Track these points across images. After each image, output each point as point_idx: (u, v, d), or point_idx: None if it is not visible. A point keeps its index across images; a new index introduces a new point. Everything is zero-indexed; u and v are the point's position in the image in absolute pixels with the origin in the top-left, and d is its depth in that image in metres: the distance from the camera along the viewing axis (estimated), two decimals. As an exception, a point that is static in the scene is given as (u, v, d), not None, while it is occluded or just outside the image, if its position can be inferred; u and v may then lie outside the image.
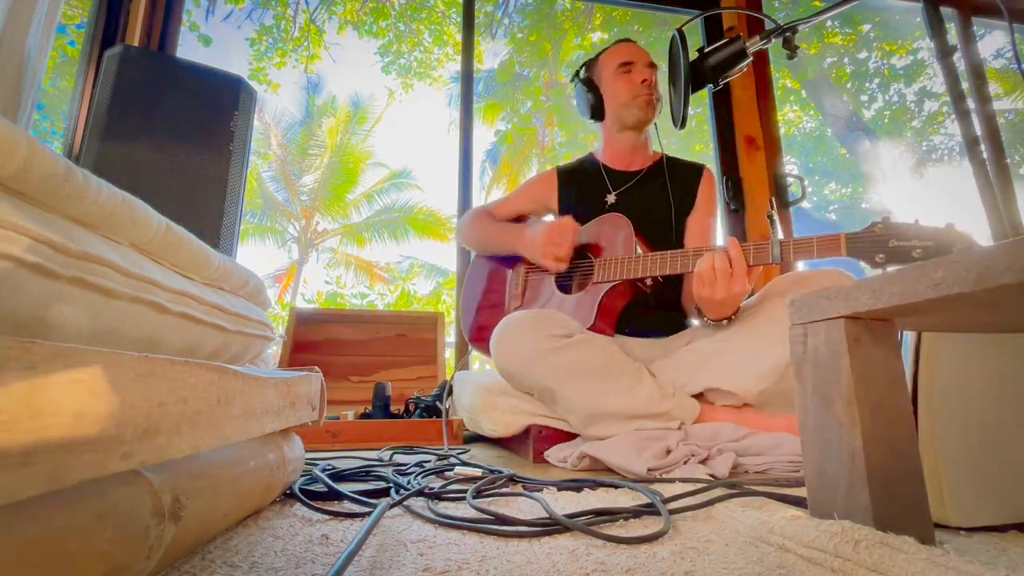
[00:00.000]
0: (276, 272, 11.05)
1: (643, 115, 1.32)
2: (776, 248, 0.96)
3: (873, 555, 0.37)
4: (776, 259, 0.96)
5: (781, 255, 0.96)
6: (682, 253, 1.07)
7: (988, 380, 0.53)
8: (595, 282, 1.18)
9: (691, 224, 1.33)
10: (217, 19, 6.79)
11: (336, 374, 1.82)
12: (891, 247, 0.85)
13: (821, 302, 0.48)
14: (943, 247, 0.82)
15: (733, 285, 0.98)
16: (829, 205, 9.22)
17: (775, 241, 0.97)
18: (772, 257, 0.96)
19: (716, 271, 0.98)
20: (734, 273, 0.98)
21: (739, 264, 0.97)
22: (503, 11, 7.37)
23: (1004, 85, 6.19)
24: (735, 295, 0.99)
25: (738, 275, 0.97)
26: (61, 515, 0.26)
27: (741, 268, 0.98)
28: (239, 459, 0.50)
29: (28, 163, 0.29)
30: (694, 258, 1.05)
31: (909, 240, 0.84)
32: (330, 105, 11.16)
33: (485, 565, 0.43)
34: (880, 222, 0.88)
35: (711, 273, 0.99)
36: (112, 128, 1.22)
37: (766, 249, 0.97)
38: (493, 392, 1.13)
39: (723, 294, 0.98)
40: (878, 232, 0.87)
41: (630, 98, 1.32)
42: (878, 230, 0.87)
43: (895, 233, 0.86)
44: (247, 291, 0.64)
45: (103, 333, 0.36)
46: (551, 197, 1.45)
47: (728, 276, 0.98)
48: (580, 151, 1.58)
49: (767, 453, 0.92)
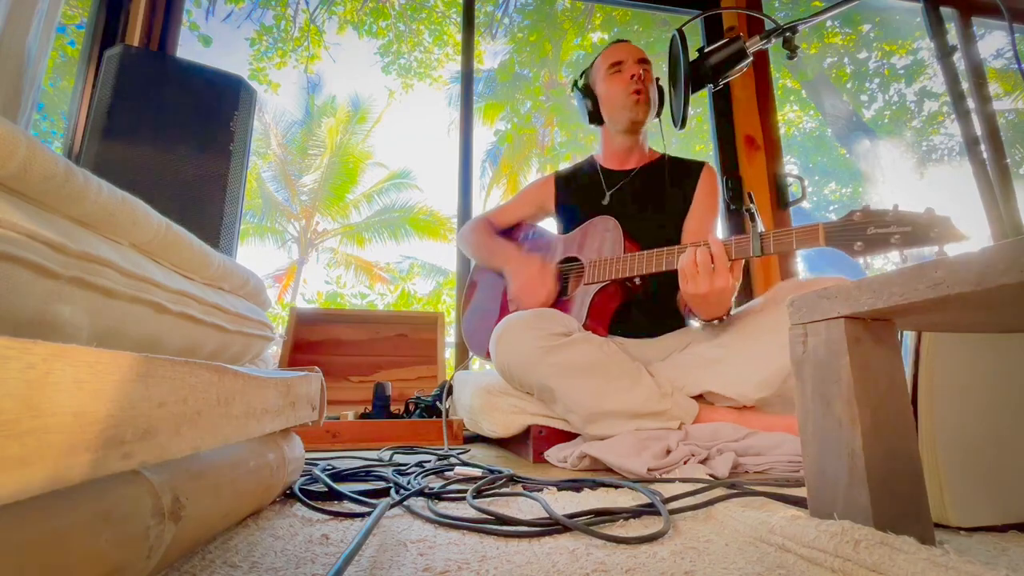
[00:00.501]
0: (276, 272, 11.06)
1: (635, 116, 1.32)
2: (756, 241, 0.96)
3: (873, 555, 0.37)
4: (756, 252, 0.96)
5: (762, 248, 0.96)
6: (667, 251, 1.07)
7: (988, 380, 0.53)
8: (585, 283, 1.19)
9: (689, 223, 1.32)
10: (217, 19, 6.81)
11: (336, 374, 1.82)
12: (869, 235, 0.85)
13: (821, 302, 0.48)
14: (921, 231, 0.81)
15: (716, 279, 0.98)
16: (829, 205, 9.22)
17: (755, 234, 0.96)
18: (752, 250, 0.96)
19: (698, 265, 0.98)
20: (716, 267, 0.98)
21: (720, 258, 0.97)
22: (503, 11, 7.37)
23: (1004, 85, 6.19)
24: (719, 290, 0.98)
25: (720, 269, 0.98)
26: (61, 515, 0.26)
27: (722, 262, 0.98)
28: (239, 459, 0.50)
29: (28, 163, 0.29)
30: (679, 255, 1.05)
31: (888, 227, 0.84)
32: (330, 105, 11.16)
33: (485, 565, 0.43)
34: (859, 210, 0.88)
35: (693, 267, 0.99)
36: (112, 128, 1.23)
37: (746, 242, 0.97)
38: (493, 392, 1.13)
39: (706, 288, 0.98)
40: (856, 220, 0.87)
41: (623, 98, 1.32)
42: (856, 218, 0.87)
43: (873, 220, 0.85)
44: (247, 291, 0.64)
45: (103, 333, 0.36)
46: (549, 201, 1.45)
47: (710, 271, 0.98)
48: (580, 151, 1.60)
49: (767, 453, 0.92)
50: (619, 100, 1.33)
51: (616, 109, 1.34)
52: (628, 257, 1.12)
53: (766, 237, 0.95)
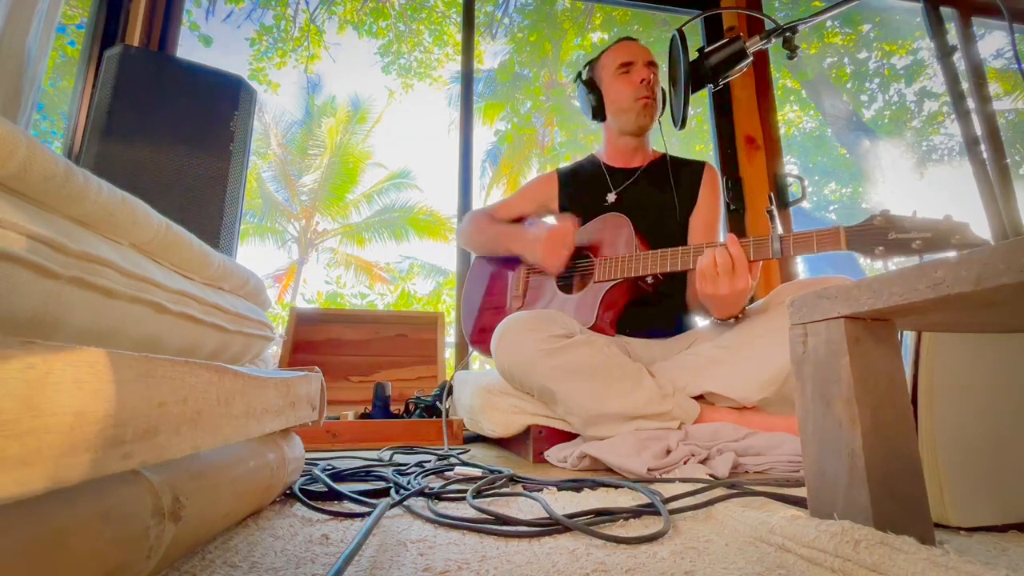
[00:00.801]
0: (276, 272, 11.06)
1: (643, 121, 1.32)
2: (776, 243, 0.97)
3: (873, 555, 0.37)
4: (776, 253, 0.96)
5: (781, 249, 0.96)
6: (683, 250, 1.07)
7: (988, 380, 0.53)
8: (596, 281, 1.18)
9: (694, 222, 1.33)
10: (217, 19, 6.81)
11: (336, 374, 1.82)
12: (890, 239, 0.86)
13: (821, 302, 0.48)
14: (942, 237, 0.82)
15: (736, 281, 0.98)
16: (829, 205, 9.22)
17: (775, 236, 0.97)
18: (772, 252, 0.97)
19: (718, 267, 0.98)
20: (736, 269, 0.98)
21: (740, 259, 0.98)
22: (503, 11, 7.37)
23: (1004, 85, 6.18)
24: (739, 291, 0.99)
25: (740, 271, 0.98)
26: (61, 515, 0.26)
27: (742, 263, 0.98)
28: (239, 459, 0.50)
29: (28, 163, 0.29)
30: (695, 255, 1.05)
31: (908, 232, 0.85)
32: (330, 105, 11.16)
33: (485, 565, 0.43)
34: (879, 215, 0.88)
35: (712, 269, 0.99)
36: (112, 128, 1.23)
37: (766, 244, 0.98)
38: (493, 392, 1.13)
39: (727, 290, 0.99)
40: (877, 225, 0.87)
41: (630, 102, 1.31)
42: (877, 223, 0.87)
43: (894, 226, 0.86)
44: (247, 291, 0.64)
45: (103, 333, 0.36)
46: (551, 198, 1.44)
47: (730, 272, 0.98)
48: (580, 151, 1.59)
49: (767, 453, 0.92)
50: (626, 103, 1.32)
51: (623, 112, 1.33)
52: (643, 256, 1.12)
53: (786, 239, 0.96)
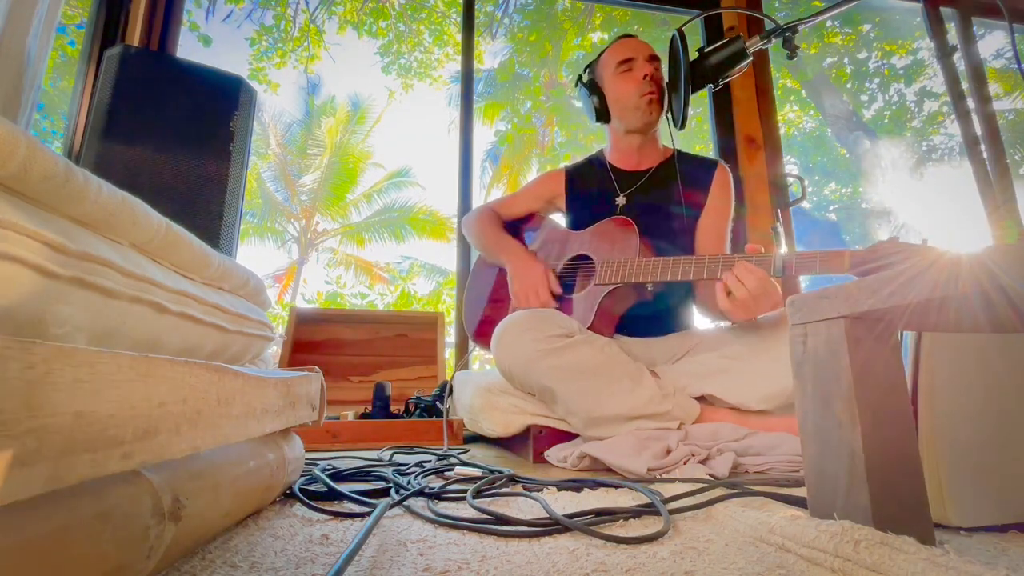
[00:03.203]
0: (276, 272, 11.06)
1: (648, 117, 1.29)
2: (779, 261, 0.97)
3: (873, 555, 0.37)
4: (779, 272, 0.97)
5: (784, 269, 0.96)
6: (684, 261, 1.06)
7: (988, 380, 0.53)
8: (596, 284, 1.18)
9: (703, 225, 1.30)
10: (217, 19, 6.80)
11: (336, 374, 1.82)
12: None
13: (821, 302, 0.48)
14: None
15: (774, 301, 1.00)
16: (829, 205, 9.22)
17: (779, 255, 0.98)
18: (774, 271, 0.97)
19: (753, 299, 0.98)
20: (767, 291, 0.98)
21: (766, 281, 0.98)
22: (503, 11, 7.37)
23: (1004, 85, 6.19)
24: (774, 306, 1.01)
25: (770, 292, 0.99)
26: (61, 515, 0.26)
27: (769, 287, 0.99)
28: (239, 459, 0.50)
29: (28, 163, 0.29)
30: (697, 266, 1.04)
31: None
32: (330, 105, 11.16)
33: (485, 565, 0.43)
34: (887, 241, 0.87)
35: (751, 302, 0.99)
36: (112, 128, 1.23)
37: (768, 262, 0.98)
38: (493, 392, 1.13)
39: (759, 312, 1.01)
40: (884, 251, 0.86)
41: (634, 99, 1.28)
42: (884, 249, 0.86)
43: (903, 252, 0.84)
44: (247, 291, 0.64)
45: (103, 333, 0.36)
46: (560, 197, 1.43)
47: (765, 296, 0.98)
48: (580, 151, 1.59)
49: (767, 453, 0.92)
50: (630, 101, 1.29)
51: (627, 110, 1.30)
52: (645, 262, 1.11)
53: (789, 259, 0.96)
